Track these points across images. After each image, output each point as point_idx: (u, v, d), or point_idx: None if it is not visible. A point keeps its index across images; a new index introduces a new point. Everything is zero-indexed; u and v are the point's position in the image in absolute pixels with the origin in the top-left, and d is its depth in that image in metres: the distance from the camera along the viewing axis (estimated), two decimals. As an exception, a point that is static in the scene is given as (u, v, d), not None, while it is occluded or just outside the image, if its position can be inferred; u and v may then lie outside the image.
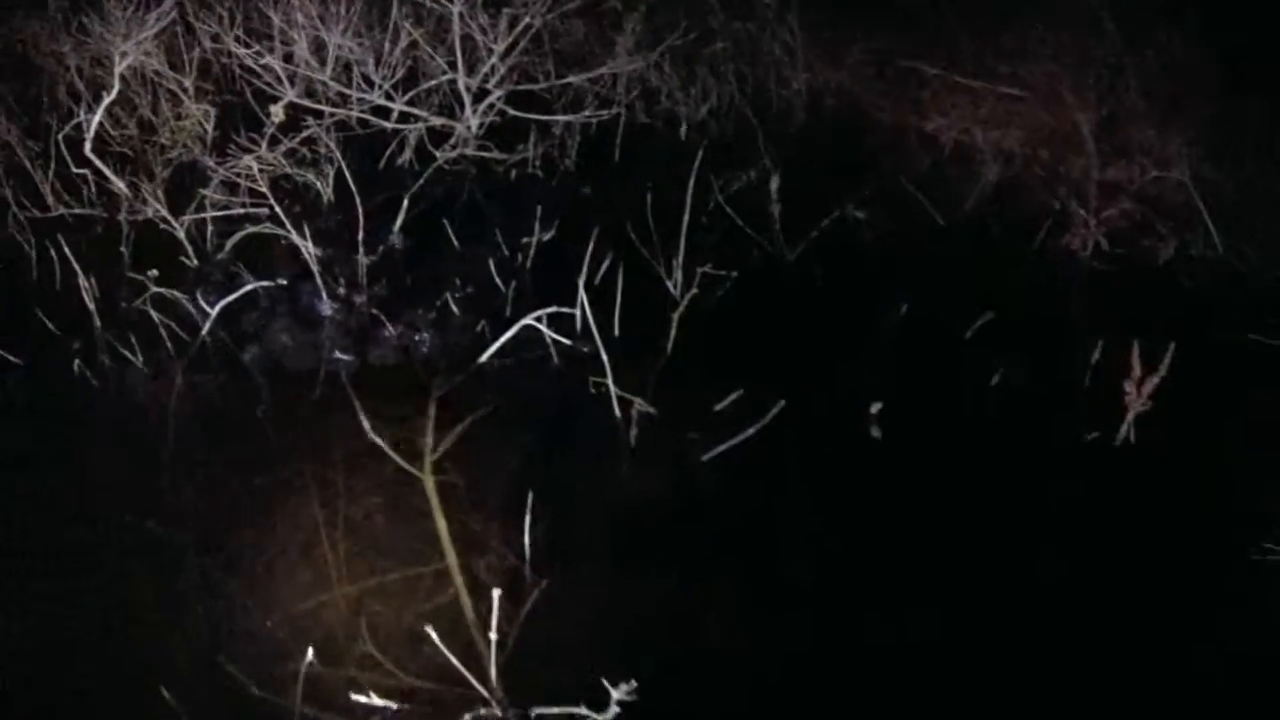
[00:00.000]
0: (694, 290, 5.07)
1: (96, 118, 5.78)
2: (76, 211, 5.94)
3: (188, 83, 6.37)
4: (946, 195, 6.13)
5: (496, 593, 3.41)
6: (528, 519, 4.06)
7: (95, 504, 4.29)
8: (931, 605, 3.96)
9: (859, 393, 4.84)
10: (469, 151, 6.40)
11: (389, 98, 6.32)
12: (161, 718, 3.47)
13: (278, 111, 5.18)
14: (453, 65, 6.25)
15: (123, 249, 5.72)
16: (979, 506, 4.34)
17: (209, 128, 6.37)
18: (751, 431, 4.51)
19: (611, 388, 4.68)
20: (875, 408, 4.76)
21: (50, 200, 5.91)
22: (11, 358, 5.02)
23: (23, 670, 3.64)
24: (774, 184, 5.95)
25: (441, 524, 4.22)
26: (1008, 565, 4.10)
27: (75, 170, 5.91)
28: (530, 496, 4.12)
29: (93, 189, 5.94)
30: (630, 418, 4.70)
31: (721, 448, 4.52)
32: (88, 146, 5.78)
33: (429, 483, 4.43)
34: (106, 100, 5.73)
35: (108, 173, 5.74)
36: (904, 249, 5.85)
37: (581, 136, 6.61)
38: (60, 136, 5.90)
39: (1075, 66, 6.61)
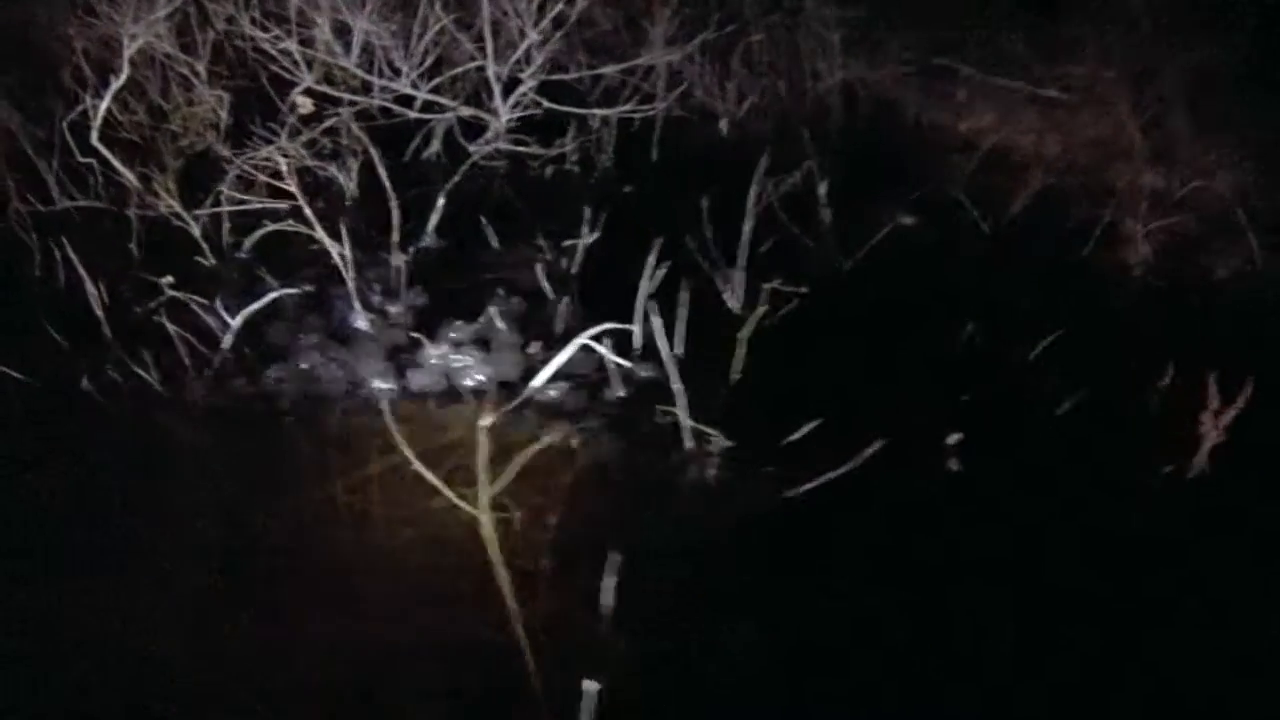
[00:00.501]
0: (763, 309, 4.39)
1: (104, 104, 5.07)
2: (82, 204, 5.23)
3: (200, 67, 5.65)
4: (989, 201, 5.58)
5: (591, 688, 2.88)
6: (607, 580, 3.49)
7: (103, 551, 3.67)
8: (1014, 646, 3.51)
9: (933, 423, 4.29)
10: (503, 145, 5.68)
11: (415, 86, 5.58)
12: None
13: (305, 103, 4.45)
14: (482, 51, 5.52)
15: (132, 246, 4.96)
16: (1056, 544, 3.87)
17: (223, 115, 5.62)
18: (843, 470, 3.91)
19: (683, 418, 4.02)
20: (954, 439, 4.17)
21: (55, 193, 5.13)
22: (15, 374, 4.33)
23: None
24: (823, 188, 5.36)
25: (503, 575, 3.55)
26: (1088, 605, 3.64)
27: (81, 160, 5.13)
28: (598, 540, 3.60)
29: (100, 180, 5.18)
30: (705, 451, 4.09)
31: (808, 485, 3.91)
32: (94, 135, 5.05)
33: (486, 523, 3.76)
34: (115, 85, 4.99)
35: (116, 163, 5.02)
36: (955, 259, 5.32)
37: (618, 131, 5.86)
38: (66, 124, 5.11)
39: (1119, 69, 5.97)
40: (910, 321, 4.84)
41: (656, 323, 4.20)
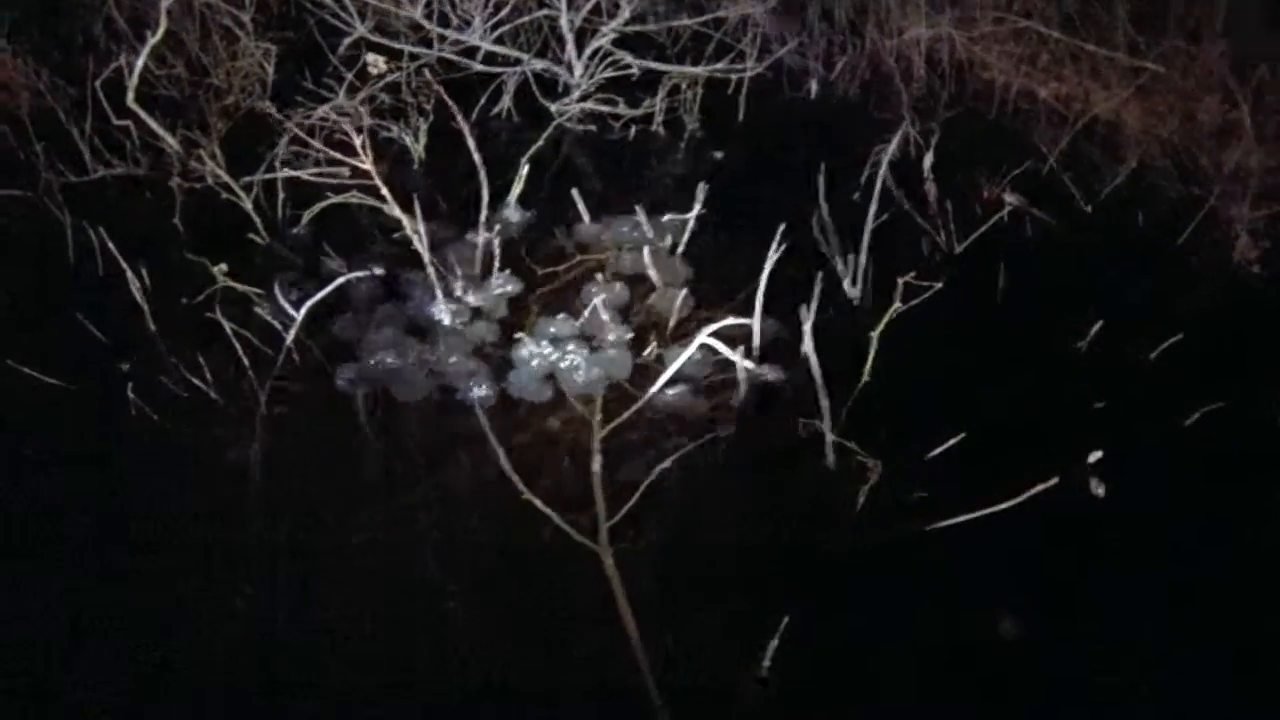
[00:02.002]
0: (897, 305, 3.44)
1: (140, 60, 3.99)
2: (119, 173, 4.18)
3: (245, 17, 4.56)
4: (1084, 177, 4.54)
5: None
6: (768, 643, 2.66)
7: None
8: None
9: (1072, 435, 3.36)
10: (585, 104, 4.63)
11: (483, 37, 4.53)
12: None
13: (377, 62, 3.41)
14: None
15: (176, 222, 3.94)
16: (1212, 572, 3.07)
17: (269, 70, 4.55)
18: (1012, 504, 3.00)
19: (828, 435, 3.05)
20: (1095, 457, 3.26)
21: (89, 160, 4.10)
22: (49, 379, 3.40)
23: None
24: (928, 160, 4.38)
25: (629, 618, 2.61)
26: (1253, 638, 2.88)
27: (117, 123, 4.08)
28: (744, 580, 2.91)
29: (137, 146, 4.15)
30: (850, 470, 3.17)
31: (964, 517, 3.01)
32: (130, 95, 3.99)
33: (608, 559, 2.83)
34: (152, 40, 3.94)
35: (155, 126, 3.97)
36: (1060, 243, 4.29)
37: (703, 91, 4.82)
38: (99, 83, 4.05)
39: (1225, 42, 4.86)
40: (1029, 314, 3.89)
41: (806, 329, 3.28)
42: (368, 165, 3.47)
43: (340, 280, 3.62)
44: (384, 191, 3.64)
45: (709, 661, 2.77)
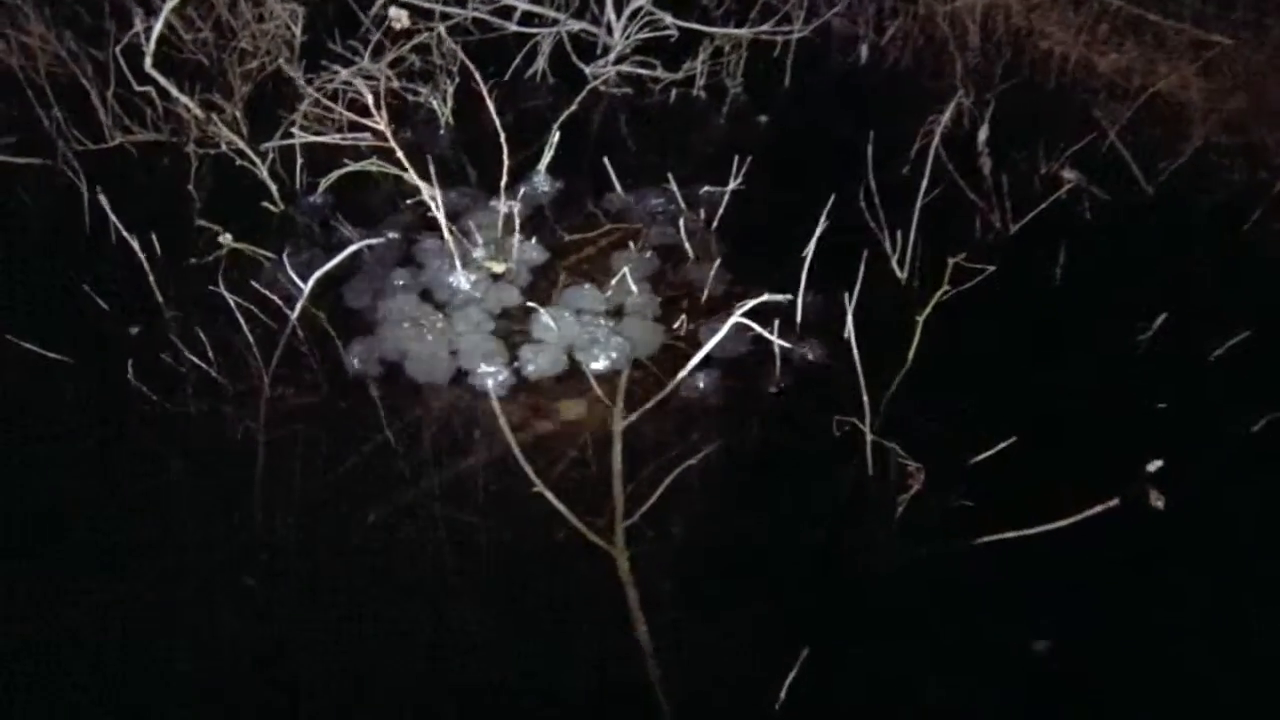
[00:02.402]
0: (945, 288, 3.07)
1: (159, 22, 3.71)
2: (138, 139, 3.90)
3: (273, -24, 4.28)
4: (1145, 155, 4.09)
5: None
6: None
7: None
8: None
9: (1130, 442, 2.91)
10: (622, 67, 4.28)
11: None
12: None
13: (400, 16, 3.10)
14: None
15: (191, 189, 3.67)
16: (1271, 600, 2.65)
17: (297, 31, 4.26)
18: (1071, 521, 2.61)
19: (868, 434, 2.72)
20: (1154, 466, 2.80)
21: (108, 127, 3.85)
22: (51, 354, 3.16)
23: None
24: (983, 133, 3.99)
25: (641, 627, 2.32)
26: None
27: (139, 89, 3.82)
28: (768, 591, 2.55)
29: (160, 111, 3.91)
30: (890, 474, 2.83)
31: (1009, 535, 2.65)
32: (148, 60, 3.71)
33: (623, 562, 2.52)
34: (172, 2, 3.65)
35: (172, 90, 3.70)
36: (1120, 225, 3.86)
37: (748, 54, 4.44)
38: (119, 49, 3.81)
39: None
40: (1088, 302, 3.49)
41: (849, 314, 2.90)
42: (381, 126, 3.16)
43: (352, 249, 3.34)
44: (399, 155, 3.33)
45: (724, 679, 2.47)
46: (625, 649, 2.48)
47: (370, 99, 3.13)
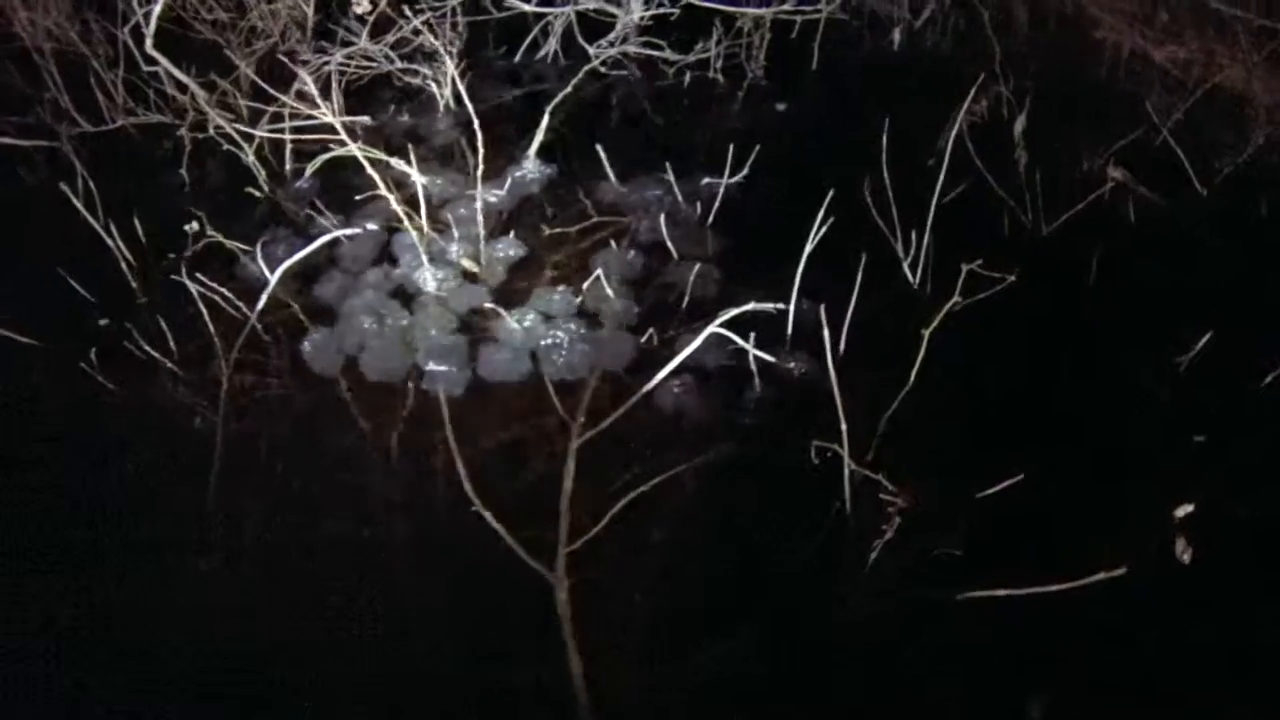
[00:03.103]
0: (957, 299, 2.65)
1: (158, 5, 3.42)
2: (139, 122, 3.64)
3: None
4: (1200, 152, 3.53)
5: None
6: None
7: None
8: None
9: (1155, 482, 2.52)
10: (631, 47, 3.88)
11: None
12: None
13: (362, 1, 2.78)
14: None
15: (182, 173, 3.40)
16: None
17: (309, 11, 3.95)
18: (1060, 587, 2.19)
19: (846, 462, 2.30)
20: (1183, 511, 2.42)
21: (108, 109, 3.62)
22: (20, 337, 2.95)
23: None
24: (1019, 125, 3.54)
25: (576, 665, 1.98)
26: None
27: (147, 70, 3.57)
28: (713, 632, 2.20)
29: (161, 93, 3.69)
30: (871, 508, 2.42)
31: (998, 592, 2.25)
32: (149, 40, 3.45)
33: (562, 592, 2.17)
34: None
35: (175, 72, 3.46)
36: (1168, 228, 3.34)
37: (771, 35, 3.97)
38: (127, 29, 3.66)
39: None
40: (1123, 317, 3.01)
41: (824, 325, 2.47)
42: (332, 119, 2.83)
43: (324, 239, 3.04)
44: (350, 142, 2.99)
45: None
46: (557, 687, 2.14)
47: (312, 86, 2.82)
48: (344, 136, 2.94)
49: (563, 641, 2.24)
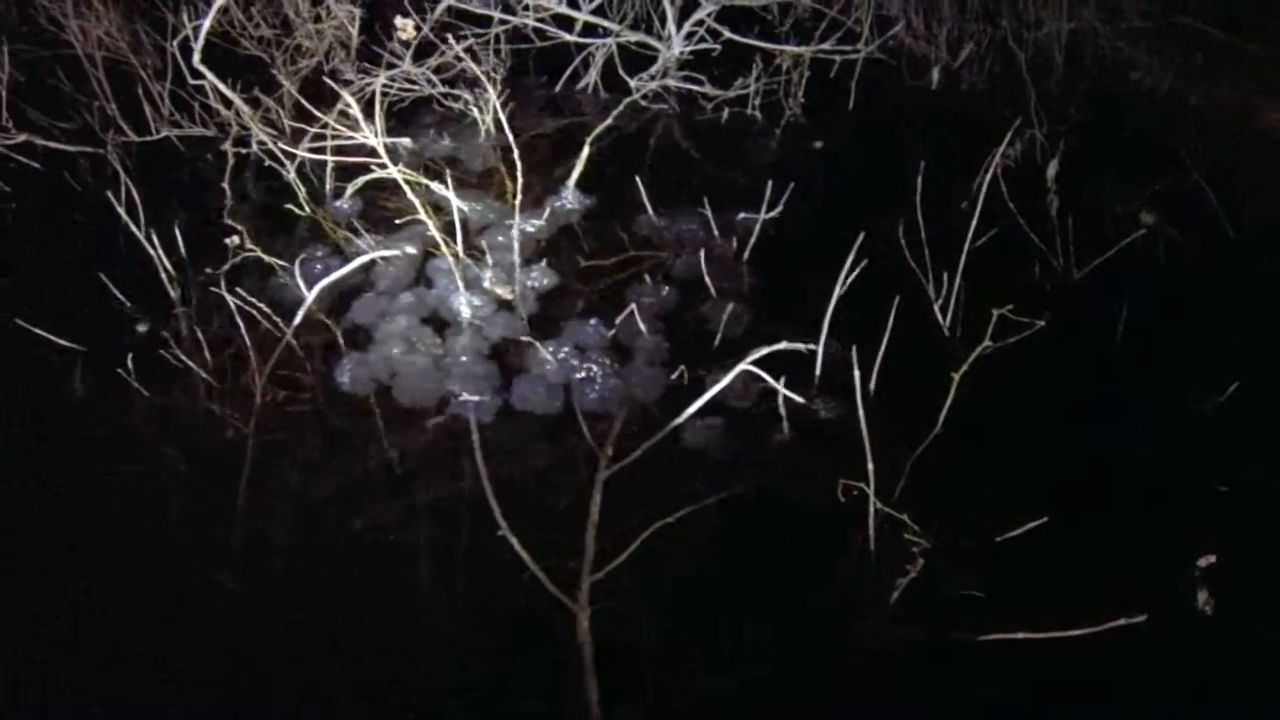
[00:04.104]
0: (987, 344, 2.66)
1: (207, 20, 3.53)
2: (185, 133, 3.74)
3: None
4: (1233, 196, 3.57)
5: None
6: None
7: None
8: None
9: (1178, 530, 2.53)
10: (672, 81, 3.96)
11: (575, 5, 3.92)
12: None
13: (405, 25, 2.87)
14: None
15: (225, 186, 3.49)
16: None
17: (354, 32, 4.06)
18: (1079, 632, 2.21)
19: (871, 501, 2.34)
20: (1205, 562, 2.41)
21: (154, 120, 3.74)
22: (64, 341, 3.03)
23: None
24: (1052, 169, 3.56)
25: (593, 695, 2.08)
26: None
27: (193, 83, 3.68)
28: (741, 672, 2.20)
29: (206, 107, 3.82)
30: (895, 550, 2.45)
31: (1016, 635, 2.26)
32: (196, 56, 3.55)
33: (584, 621, 2.20)
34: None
35: (221, 87, 3.54)
36: (1198, 274, 3.35)
37: (810, 73, 4.04)
38: (175, 42, 3.69)
39: None
40: (1151, 363, 3.03)
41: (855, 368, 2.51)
42: (374, 141, 2.92)
43: (359, 261, 3.12)
44: (391, 166, 3.07)
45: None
46: (574, 715, 2.19)
47: (355, 107, 2.89)
48: (385, 159, 3.02)
49: (582, 670, 2.28)
